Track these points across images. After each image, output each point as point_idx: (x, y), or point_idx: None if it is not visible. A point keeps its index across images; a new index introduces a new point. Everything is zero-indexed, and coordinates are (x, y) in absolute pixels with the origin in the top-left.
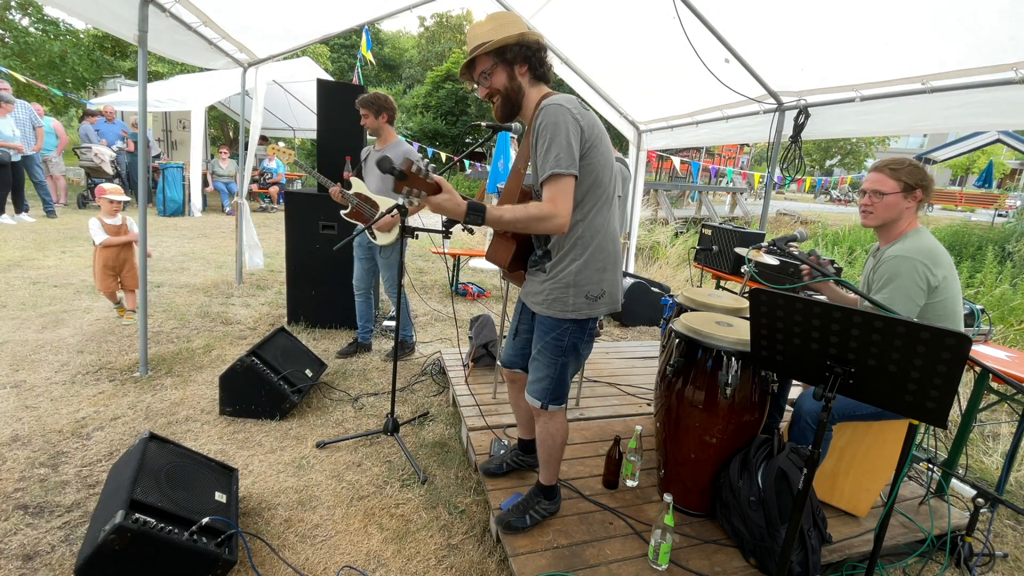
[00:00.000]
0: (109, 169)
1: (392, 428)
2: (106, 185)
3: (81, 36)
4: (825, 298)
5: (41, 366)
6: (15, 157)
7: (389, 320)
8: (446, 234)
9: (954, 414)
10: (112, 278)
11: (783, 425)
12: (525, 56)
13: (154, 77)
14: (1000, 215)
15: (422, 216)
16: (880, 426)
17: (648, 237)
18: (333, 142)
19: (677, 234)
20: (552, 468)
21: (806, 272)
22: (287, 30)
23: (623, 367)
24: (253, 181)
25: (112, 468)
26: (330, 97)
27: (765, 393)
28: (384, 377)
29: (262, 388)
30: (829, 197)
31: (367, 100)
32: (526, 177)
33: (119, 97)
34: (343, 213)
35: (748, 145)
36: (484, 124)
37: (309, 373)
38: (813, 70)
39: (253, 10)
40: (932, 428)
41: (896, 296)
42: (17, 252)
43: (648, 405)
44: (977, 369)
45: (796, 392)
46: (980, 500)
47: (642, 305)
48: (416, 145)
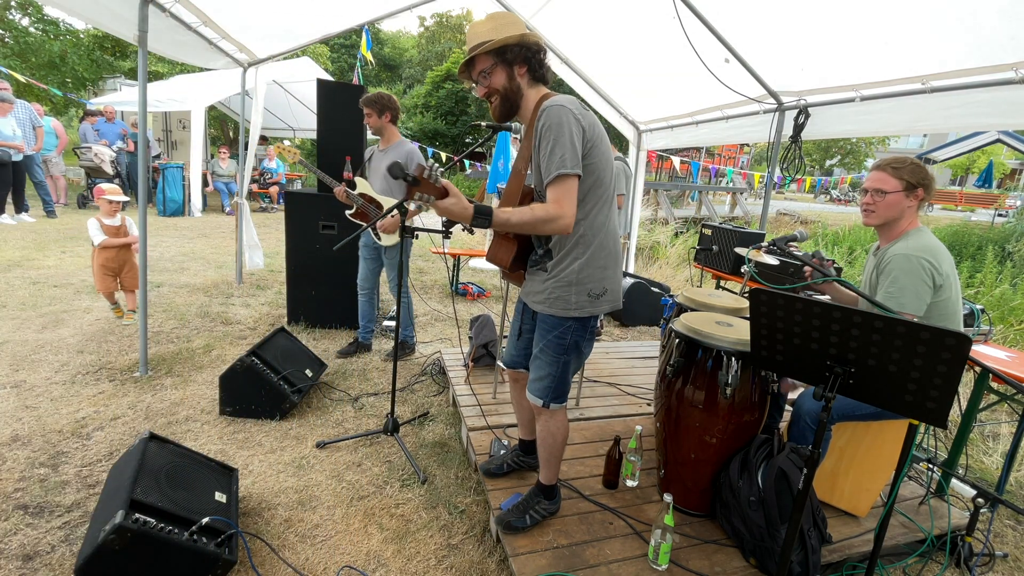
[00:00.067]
0: (109, 169)
1: (392, 428)
2: (105, 185)
3: (81, 36)
4: (829, 298)
5: (41, 366)
6: (16, 157)
7: (389, 320)
8: (446, 234)
9: (954, 414)
10: (111, 279)
11: (783, 425)
12: (525, 57)
13: (154, 77)
14: (1000, 215)
15: (422, 216)
16: (880, 426)
17: (648, 237)
18: (333, 142)
19: (677, 234)
20: (553, 467)
21: (808, 273)
22: (287, 30)
23: (623, 367)
24: (253, 181)
25: (112, 468)
26: (330, 97)
27: (765, 393)
28: (384, 377)
29: (262, 388)
30: (829, 197)
31: (371, 99)
32: (527, 178)
33: (119, 97)
34: (348, 214)
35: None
36: (484, 124)
37: (309, 373)
38: (813, 70)
39: (253, 10)
40: (932, 428)
41: (905, 294)
42: (17, 252)
43: (648, 405)
44: (977, 369)
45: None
46: (980, 500)
47: (642, 305)
48: (416, 144)
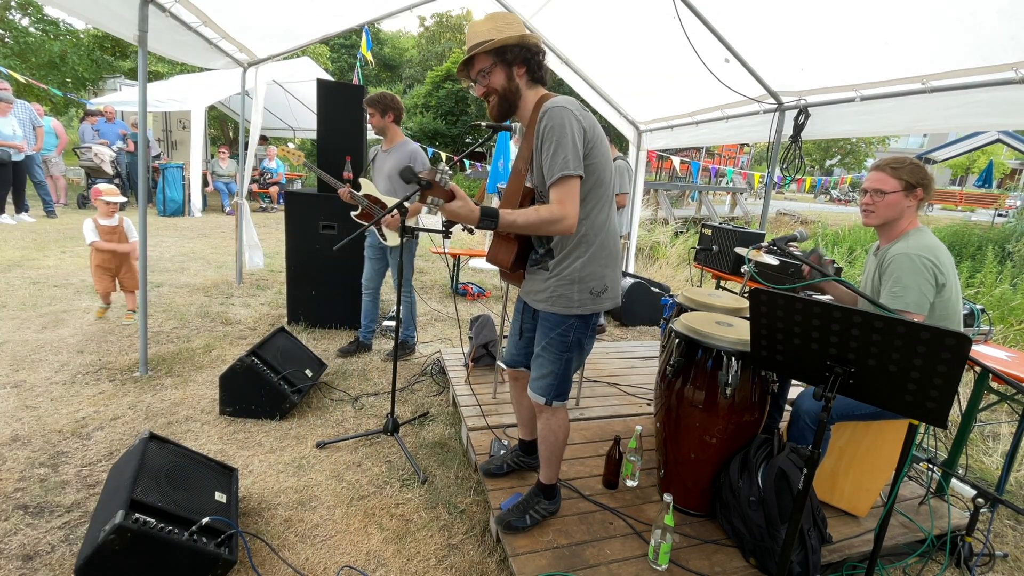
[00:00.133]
0: (109, 169)
1: (392, 428)
2: (102, 186)
3: (81, 36)
4: (831, 298)
5: (41, 366)
6: (16, 156)
7: (389, 320)
8: (446, 234)
9: (954, 414)
10: (109, 279)
11: (783, 425)
12: (524, 58)
13: (154, 77)
14: (1000, 215)
15: (422, 216)
16: (880, 426)
17: (648, 237)
18: (333, 142)
19: (677, 234)
20: (553, 466)
21: (807, 272)
22: (287, 30)
23: (623, 367)
24: (253, 181)
25: (112, 468)
26: (330, 97)
27: (765, 393)
28: (384, 377)
29: (262, 388)
30: (829, 197)
31: (373, 99)
32: (527, 178)
33: (119, 97)
34: (353, 215)
35: (748, 145)
36: (484, 124)
37: (309, 373)
38: (813, 70)
39: (253, 10)
40: (932, 428)
41: (908, 293)
42: (17, 252)
43: (648, 405)
44: (977, 369)
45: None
46: (980, 500)
47: (642, 305)
48: (417, 144)
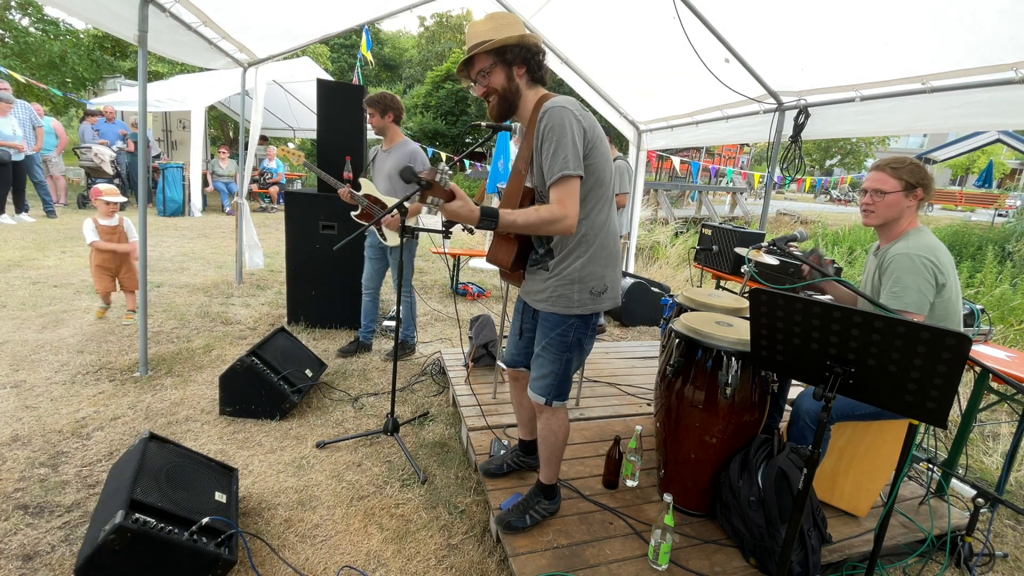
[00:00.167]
0: (109, 169)
1: (392, 428)
2: (102, 186)
3: (81, 36)
4: (831, 298)
5: (41, 366)
6: (16, 156)
7: (389, 320)
8: (446, 234)
9: (954, 414)
10: (109, 279)
11: (783, 425)
12: (524, 58)
13: (154, 77)
14: (1000, 215)
15: (422, 216)
16: (880, 426)
17: (648, 237)
18: (333, 142)
19: (677, 234)
20: (553, 466)
21: (806, 272)
22: (287, 30)
23: (623, 367)
24: (253, 181)
25: (112, 468)
26: (330, 97)
27: (765, 393)
28: (384, 377)
29: (262, 388)
30: (829, 197)
31: (373, 99)
32: (527, 178)
33: (119, 97)
34: (353, 215)
35: (748, 145)
36: (484, 124)
37: (309, 373)
38: (813, 70)
39: (253, 10)
40: (932, 428)
41: (908, 293)
42: (17, 252)
43: (648, 405)
44: (977, 369)
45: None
46: (980, 500)
47: (642, 305)
48: (417, 144)
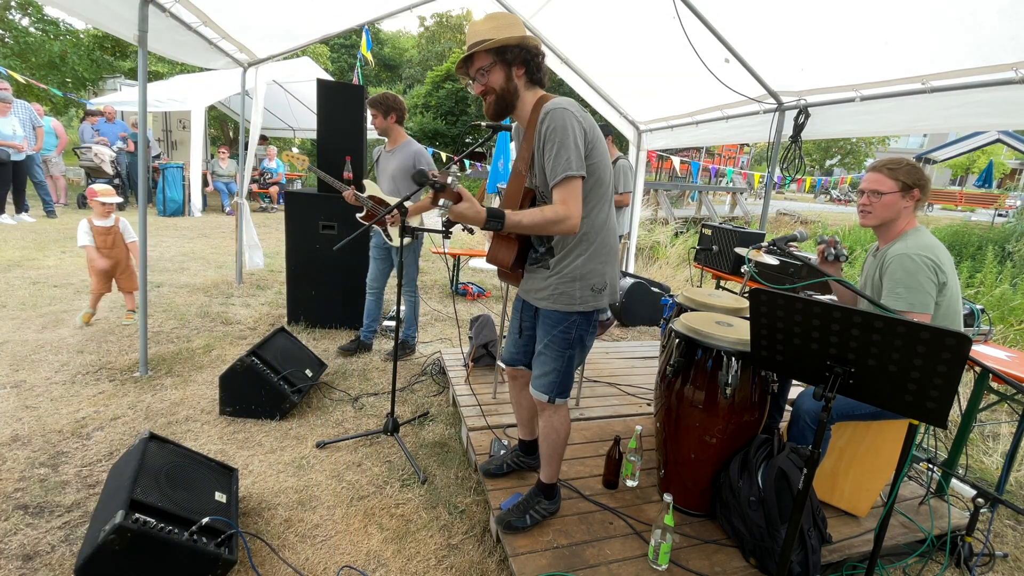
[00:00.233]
0: (109, 169)
1: (392, 428)
2: (97, 187)
3: (81, 36)
4: (835, 297)
5: (41, 366)
6: (16, 156)
7: (389, 320)
8: (446, 234)
9: (954, 414)
10: (105, 279)
11: (783, 425)
12: (524, 59)
13: (154, 77)
14: (1000, 215)
15: (422, 216)
16: (880, 426)
17: (648, 237)
18: (333, 142)
19: (677, 234)
20: (554, 465)
21: (820, 250)
22: (287, 30)
23: (623, 367)
24: (253, 181)
25: (112, 468)
26: (330, 97)
27: (765, 393)
28: (384, 377)
29: (262, 388)
30: (829, 197)
31: (375, 100)
32: (527, 179)
33: (119, 97)
34: (359, 216)
35: (748, 145)
36: (484, 124)
37: (309, 373)
38: (813, 70)
39: (253, 10)
40: (932, 428)
41: (913, 294)
42: (17, 252)
43: (648, 405)
44: (977, 369)
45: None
46: (980, 500)
47: (642, 305)
48: (420, 145)
